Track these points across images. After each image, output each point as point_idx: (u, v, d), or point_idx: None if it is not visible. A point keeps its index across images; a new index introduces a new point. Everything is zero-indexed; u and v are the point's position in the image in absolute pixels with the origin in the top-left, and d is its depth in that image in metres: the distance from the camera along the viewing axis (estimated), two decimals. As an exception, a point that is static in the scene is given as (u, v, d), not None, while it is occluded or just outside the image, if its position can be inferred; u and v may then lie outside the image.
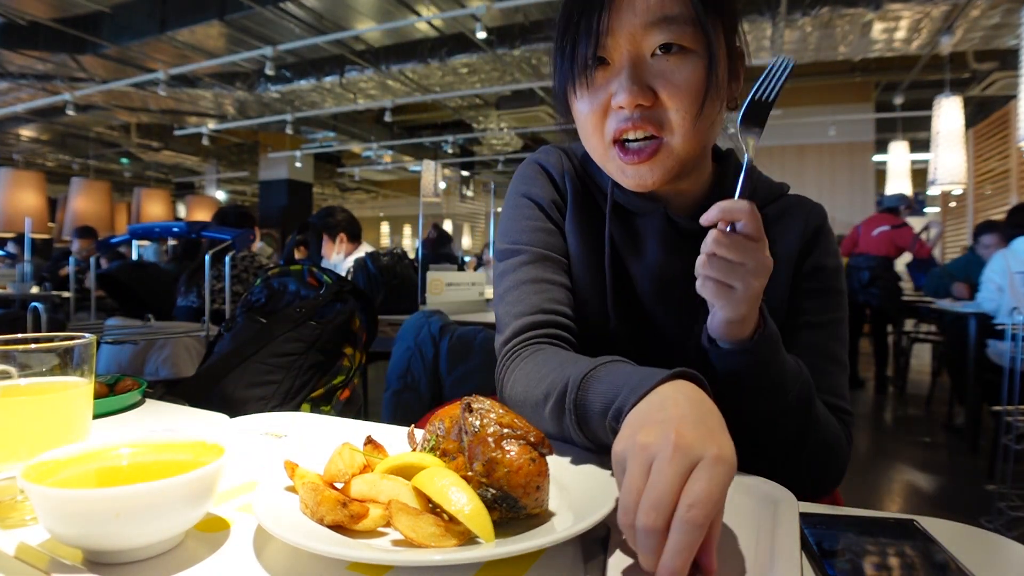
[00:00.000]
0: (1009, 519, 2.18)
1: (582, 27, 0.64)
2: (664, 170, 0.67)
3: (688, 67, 0.64)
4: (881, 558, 0.44)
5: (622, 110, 0.64)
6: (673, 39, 0.63)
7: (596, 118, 0.67)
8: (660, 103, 0.64)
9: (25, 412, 0.52)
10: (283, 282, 1.57)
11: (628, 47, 0.64)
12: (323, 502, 0.46)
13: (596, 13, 0.63)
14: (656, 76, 0.64)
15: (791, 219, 0.77)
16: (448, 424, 0.56)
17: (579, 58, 0.65)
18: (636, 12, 0.62)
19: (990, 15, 4.76)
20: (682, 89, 0.63)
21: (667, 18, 0.62)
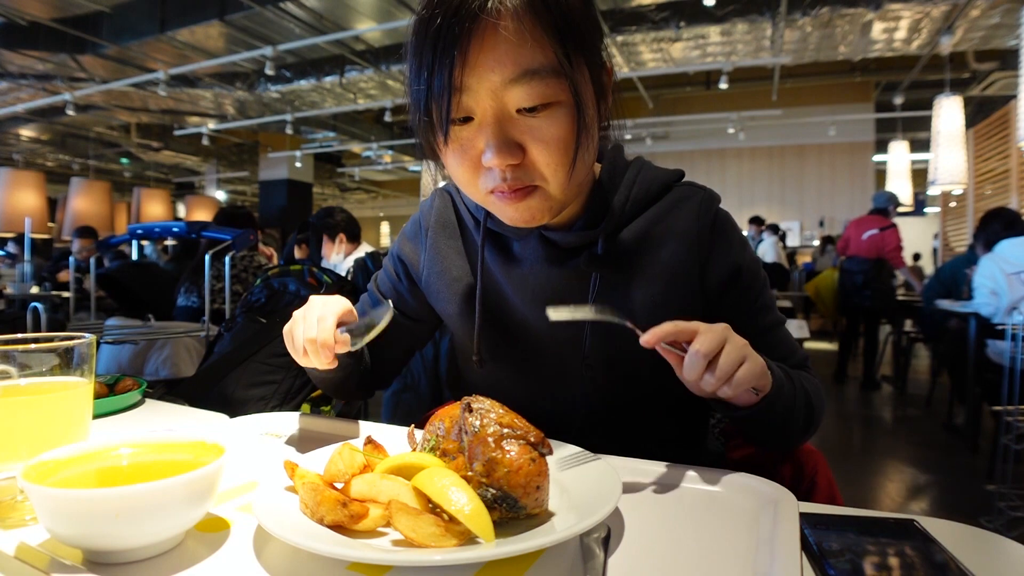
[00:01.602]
0: (1009, 519, 2.18)
1: (436, 83, 0.58)
2: (544, 211, 0.65)
3: (556, 121, 0.60)
4: (881, 558, 0.44)
5: (492, 169, 0.62)
6: (537, 99, 0.58)
7: (468, 173, 0.64)
8: (531, 160, 0.61)
9: (25, 412, 0.52)
10: (283, 282, 1.57)
11: (491, 103, 0.58)
12: (323, 502, 0.46)
13: (448, 70, 0.57)
14: (524, 132, 0.60)
15: (679, 218, 0.74)
16: (448, 424, 0.56)
17: (438, 115, 0.60)
18: (495, 68, 0.57)
19: (990, 15, 4.76)
20: (552, 145, 0.60)
21: (529, 72, 0.57)
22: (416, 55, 0.60)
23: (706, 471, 0.61)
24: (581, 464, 0.57)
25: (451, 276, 0.80)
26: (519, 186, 0.62)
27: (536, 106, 0.59)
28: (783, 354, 0.75)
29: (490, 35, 0.56)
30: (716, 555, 0.45)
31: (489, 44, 0.56)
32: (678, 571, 0.43)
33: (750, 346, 0.59)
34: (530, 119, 0.60)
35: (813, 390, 0.73)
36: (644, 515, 0.52)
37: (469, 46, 0.56)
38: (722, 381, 0.56)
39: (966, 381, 3.36)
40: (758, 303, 0.76)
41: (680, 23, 4.97)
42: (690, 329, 0.57)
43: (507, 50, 0.57)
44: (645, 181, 0.74)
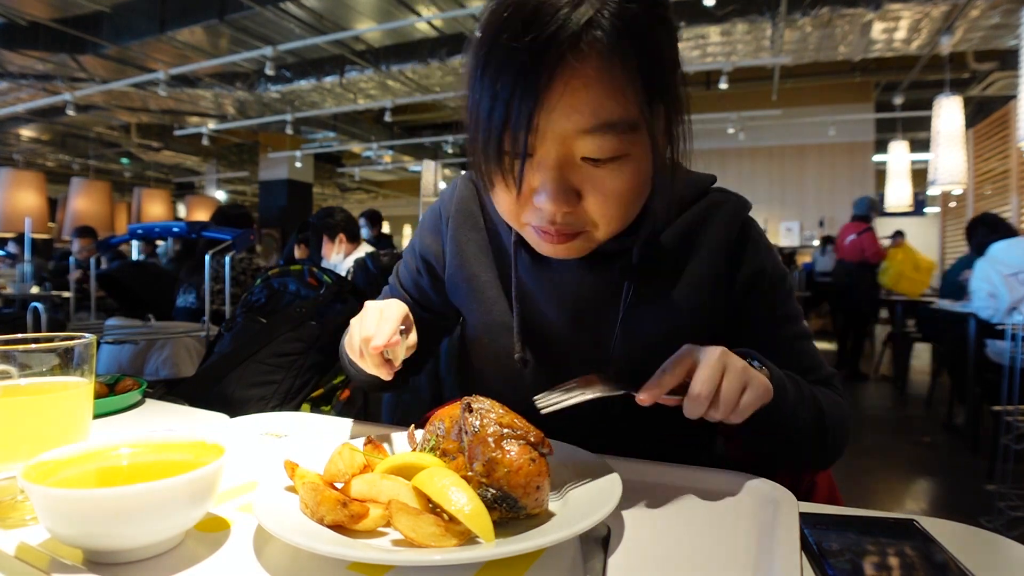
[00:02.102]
0: (1009, 519, 2.18)
1: (510, 119, 0.53)
2: (584, 250, 0.63)
3: (622, 174, 0.56)
4: (881, 558, 0.44)
5: (543, 210, 0.58)
6: (608, 153, 0.54)
7: (513, 204, 0.60)
8: (584, 207, 0.58)
9: (25, 412, 0.52)
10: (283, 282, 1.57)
11: (555, 147, 0.54)
12: (323, 502, 0.46)
13: (527, 111, 0.52)
14: (584, 180, 0.56)
15: (711, 225, 0.72)
16: (448, 424, 0.56)
17: (500, 151, 0.55)
18: (572, 116, 0.52)
19: (990, 15, 4.75)
20: (611, 198, 0.57)
21: (607, 125, 0.53)
22: (487, 78, 0.54)
23: (706, 471, 0.61)
24: (581, 464, 0.57)
25: (477, 273, 0.77)
26: (567, 231, 0.59)
27: (602, 158, 0.55)
28: (804, 368, 0.73)
29: (573, 79, 0.51)
30: (716, 555, 0.45)
31: (571, 88, 0.52)
32: (678, 571, 0.43)
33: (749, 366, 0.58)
34: (593, 168, 0.56)
35: (830, 405, 0.70)
36: (644, 515, 0.52)
37: (551, 88, 0.52)
38: (727, 413, 0.55)
39: (966, 381, 3.36)
40: (781, 311, 0.74)
41: (680, 23, 4.97)
42: (683, 369, 0.56)
43: (587, 98, 0.52)
44: (681, 187, 0.72)
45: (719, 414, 0.55)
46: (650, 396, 0.55)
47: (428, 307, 0.85)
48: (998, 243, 3.11)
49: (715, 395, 0.55)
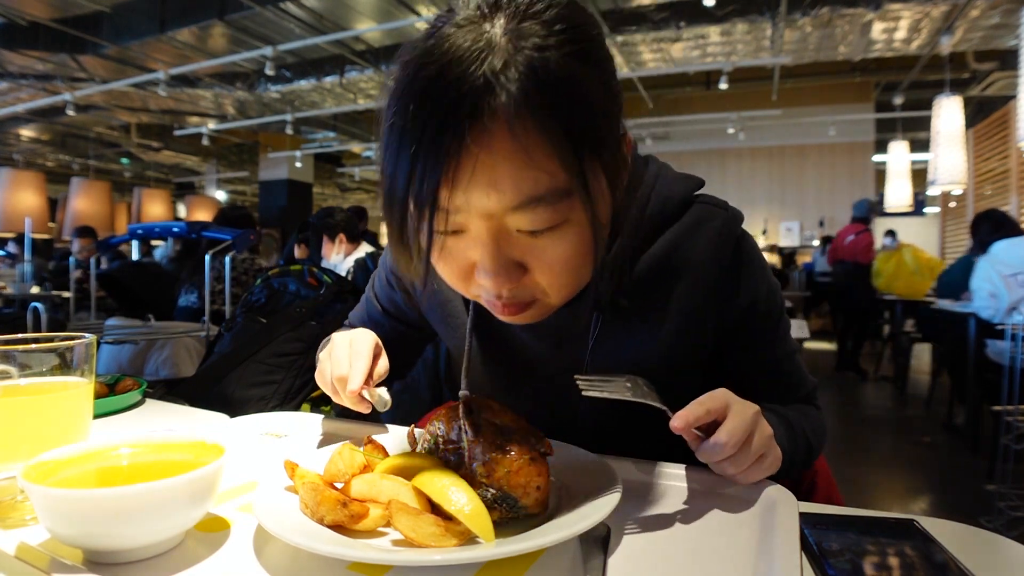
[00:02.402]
0: (1009, 519, 2.18)
1: (424, 196, 0.46)
2: (541, 316, 0.58)
3: (564, 240, 0.50)
4: (881, 558, 0.44)
5: (488, 291, 0.53)
6: (543, 224, 0.48)
7: (455, 278, 0.55)
8: (532, 278, 0.53)
9: (25, 412, 0.52)
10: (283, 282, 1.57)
11: (485, 225, 0.48)
12: (323, 502, 0.46)
13: (434, 188, 0.45)
14: (525, 252, 0.51)
15: (698, 246, 0.65)
16: (448, 424, 0.56)
17: (422, 229, 0.48)
18: (491, 195, 0.46)
19: (990, 15, 4.75)
20: (557, 266, 0.52)
21: (533, 199, 0.46)
22: (392, 147, 0.48)
23: (706, 471, 0.61)
24: (581, 464, 0.57)
25: (449, 299, 0.75)
26: (516, 302, 0.55)
27: (539, 230, 0.50)
28: (792, 386, 0.73)
29: (484, 153, 0.45)
30: (716, 555, 0.45)
31: (483, 164, 0.45)
32: (678, 571, 0.43)
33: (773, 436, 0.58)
34: (533, 240, 0.50)
35: (813, 430, 0.70)
36: (644, 515, 0.52)
37: (459, 165, 0.45)
38: (737, 472, 0.55)
39: (966, 381, 3.36)
40: (772, 335, 0.72)
41: (680, 23, 4.97)
42: (719, 409, 0.54)
43: (504, 174, 0.45)
44: (661, 198, 0.65)
45: (732, 469, 0.55)
46: (682, 424, 0.52)
47: (404, 321, 0.84)
48: (999, 243, 3.11)
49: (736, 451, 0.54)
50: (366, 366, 0.62)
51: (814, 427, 0.71)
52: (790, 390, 0.73)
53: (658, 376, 0.67)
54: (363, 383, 0.61)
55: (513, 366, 0.73)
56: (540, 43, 0.45)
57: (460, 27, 0.47)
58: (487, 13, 0.47)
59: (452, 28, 0.47)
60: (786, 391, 0.73)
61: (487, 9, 0.48)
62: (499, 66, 0.44)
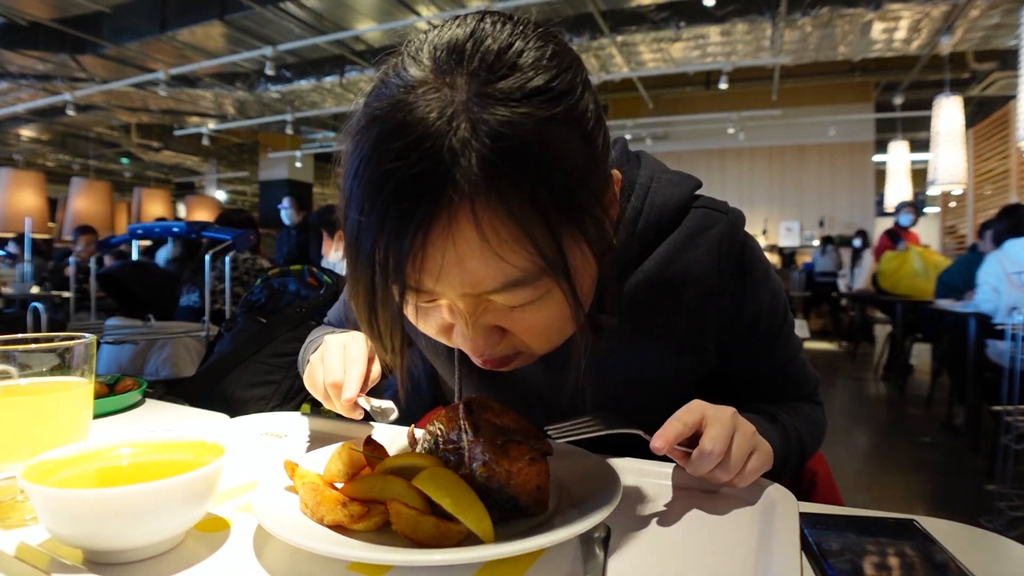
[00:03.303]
0: (1009, 519, 2.18)
1: (392, 277, 0.43)
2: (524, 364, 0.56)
3: (546, 309, 0.48)
4: (881, 558, 0.44)
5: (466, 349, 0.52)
6: (522, 301, 0.46)
7: (436, 335, 0.53)
8: (513, 341, 0.51)
9: (25, 412, 0.52)
10: (283, 282, 1.57)
11: (463, 301, 0.47)
12: (323, 502, 0.46)
13: (403, 274, 0.43)
14: (504, 319, 0.49)
15: (698, 257, 0.62)
16: (448, 424, 0.56)
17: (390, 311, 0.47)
18: (464, 282, 0.44)
19: (990, 15, 4.75)
20: (538, 331, 0.50)
21: (508, 284, 0.44)
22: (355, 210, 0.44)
23: (706, 471, 0.61)
24: (582, 464, 0.57)
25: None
26: (498, 359, 0.53)
27: (519, 305, 0.47)
28: (793, 387, 0.73)
29: (451, 247, 0.42)
30: (716, 555, 0.45)
31: (451, 258, 0.42)
32: (678, 571, 0.43)
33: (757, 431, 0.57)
34: (514, 311, 0.48)
35: (809, 427, 0.70)
36: (644, 515, 0.52)
37: (426, 257, 0.42)
38: (731, 476, 0.54)
39: (966, 381, 3.36)
40: (775, 342, 0.70)
41: (680, 23, 4.97)
42: (695, 422, 0.54)
43: (476, 266, 0.43)
44: (655, 207, 0.61)
45: (725, 475, 0.54)
46: (663, 444, 0.52)
47: None
48: (1013, 240, 3.09)
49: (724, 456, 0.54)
50: (361, 373, 0.60)
51: (810, 424, 0.71)
52: (790, 391, 0.73)
53: (655, 392, 0.67)
54: (359, 391, 0.60)
55: (504, 389, 0.70)
56: (505, 115, 0.41)
57: (416, 91, 0.42)
58: (446, 70, 0.43)
59: (408, 94, 0.42)
60: (786, 392, 0.73)
61: (445, 64, 0.43)
62: (459, 147, 0.40)
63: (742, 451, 0.54)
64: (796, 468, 0.69)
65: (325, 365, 0.63)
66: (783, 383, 0.73)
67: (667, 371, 0.66)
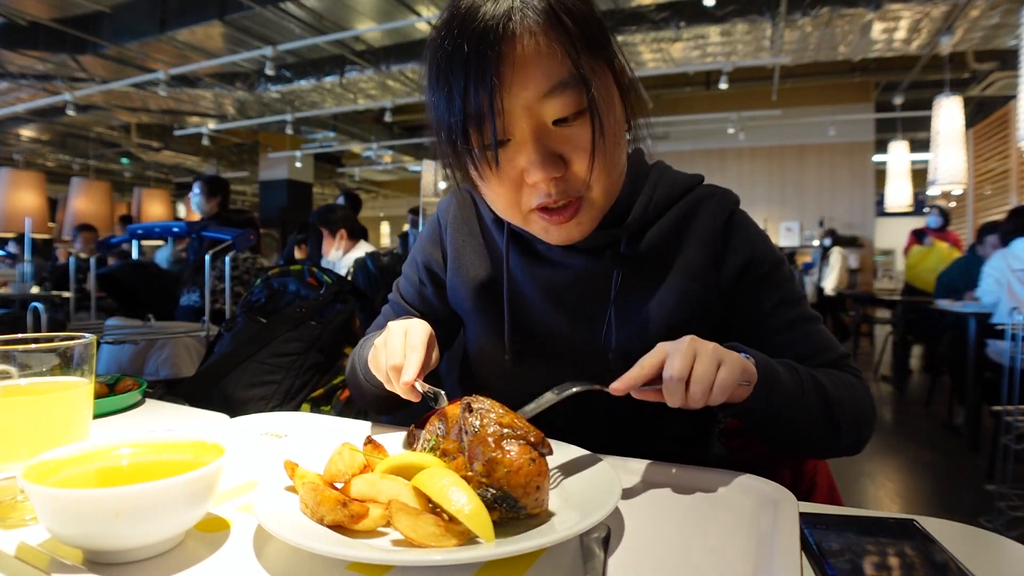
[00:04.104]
0: (1009, 519, 2.18)
1: (472, 111, 0.59)
2: (590, 222, 0.67)
3: (587, 128, 0.61)
4: (881, 558, 0.44)
5: (537, 185, 0.62)
6: (572, 108, 0.60)
7: (509, 193, 0.64)
8: (574, 171, 0.62)
9: (25, 412, 0.52)
10: (283, 282, 1.57)
11: (527, 121, 0.60)
12: (323, 502, 0.46)
13: (487, 95, 0.58)
14: (562, 144, 0.61)
15: (699, 218, 0.75)
16: (448, 424, 0.56)
17: (477, 144, 0.61)
18: (528, 85, 0.59)
19: (990, 15, 4.75)
20: (590, 150, 0.61)
21: (560, 84, 0.59)
22: (443, 84, 0.61)
23: (706, 471, 0.61)
24: (581, 464, 0.57)
25: (473, 276, 0.80)
26: (565, 200, 0.63)
27: (570, 115, 0.60)
28: (810, 351, 0.73)
29: (519, 56, 0.58)
30: (716, 555, 0.45)
31: (520, 64, 0.58)
32: (678, 571, 0.43)
33: (721, 347, 0.59)
34: (566, 130, 0.61)
35: (838, 385, 0.69)
36: (644, 515, 0.52)
37: (503, 69, 0.58)
38: (706, 392, 0.55)
39: (966, 381, 3.36)
40: (779, 296, 0.74)
41: (680, 23, 4.97)
42: (654, 361, 0.57)
43: (536, 67, 0.58)
44: (667, 184, 0.76)
45: (698, 394, 0.55)
46: (623, 385, 0.57)
47: (434, 318, 0.86)
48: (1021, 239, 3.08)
49: (691, 377, 0.55)
50: (420, 358, 0.64)
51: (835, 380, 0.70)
52: (811, 354, 0.72)
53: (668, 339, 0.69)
54: (417, 375, 0.63)
55: (534, 339, 0.77)
56: None
57: None
58: None
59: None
60: (807, 354, 0.72)
61: None
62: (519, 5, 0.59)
63: (706, 367, 0.55)
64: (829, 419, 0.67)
65: (388, 349, 0.66)
66: (801, 342, 0.72)
67: (677, 317, 0.72)
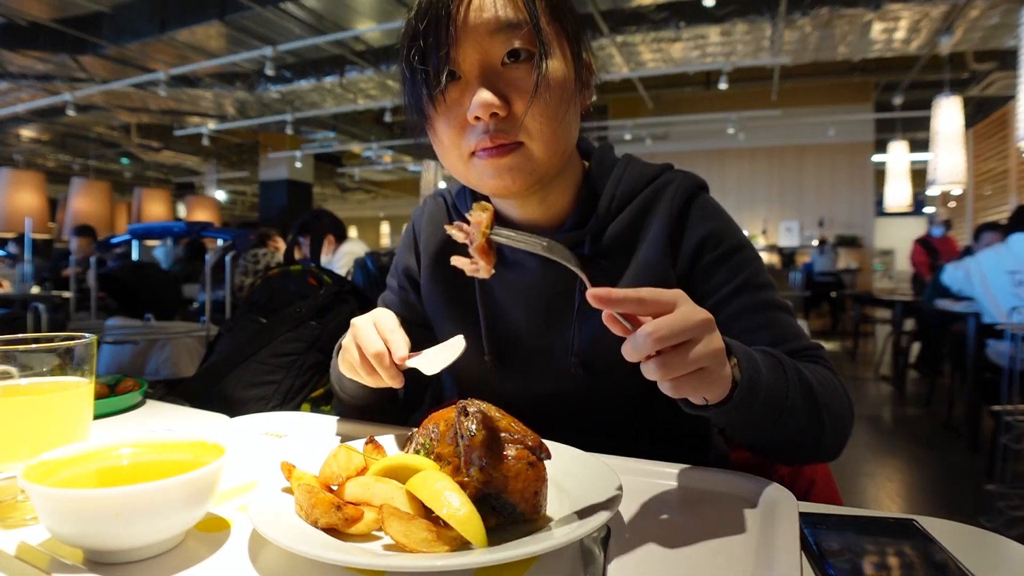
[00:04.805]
0: (1008, 519, 2.18)
1: (430, 41, 0.63)
2: (525, 174, 0.65)
3: (533, 75, 0.62)
4: (881, 558, 0.44)
5: (478, 122, 0.63)
6: (519, 44, 0.62)
7: (454, 134, 0.66)
8: (515, 112, 0.63)
9: (26, 412, 0.52)
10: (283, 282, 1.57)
11: (477, 57, 0.63)
12: (317, 505, 0.46)
13: (443, 26, 0.62)
14: (508, 85, 0.63)
15: (659, 206, 0.74)
16: (443, 428, 0.55)
17: (430, 73, 0.64)
18: (480, 20, 0.62)
19: (989, 15, 4.76)
20: (532, 96, 0.62)
21: (510, 24, 0.62)
22: (409, 29, 0.65)
23: (706, 471, 0.61)
24: (580, 467, 0.56)
25: (446, 281, 0.80)
26: (503, 140, 0.63)
27: (519, 52, 0.63)
28: (779, 338, 0.67)
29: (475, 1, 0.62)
30: (716, 555, 0.45)
31: (475, 4, 0.62)
32: (678, 571, 0.43)
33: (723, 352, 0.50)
34: (515, 69, 0.63)
35: (819, 379, 0.63)
36: (644, 515, 0.52)
37: (460, 5, 0.62)
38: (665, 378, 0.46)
39: (966, 381, 3.36)
40: (742, 279, 0.70)
41: (680, 23, 4.97)
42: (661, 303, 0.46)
43: (492, 6, 0.62)
44: (631, 177, 0.75)
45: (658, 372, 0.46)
46: (598, 298, 0.46)
47: (421, 324, 0.86)
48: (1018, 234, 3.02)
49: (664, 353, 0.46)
50: (403, 337, 0.65)
51: (814, 372, 0.63)
52: (779, 343, 0.66)
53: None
54: (407, 353, 0.63)
55: (508, 341, 0.77)
56: None
57: None
58: None
59: None
60: (773, 343, 0.66)
61: None
62: None
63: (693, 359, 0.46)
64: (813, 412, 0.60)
65: (362, 340, 0.65)
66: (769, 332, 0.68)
67: None
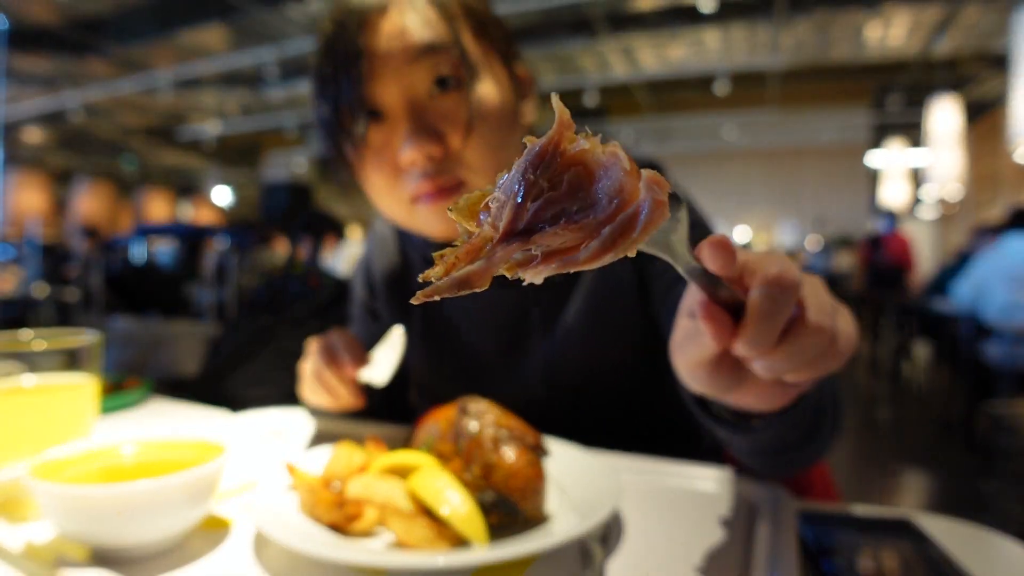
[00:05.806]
0: (1005, 517, 2.18)
1: (343, 79, 0.55)
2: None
3: (467, 101, 0.57)
4: (877, 556, 0.45)
5: (414, 167, 0.57)
6: (445, 71, 0.56)
7: (387, 181, 0.59)
8: (452, 148, 0.57)
9: (31, 410, 0.52)
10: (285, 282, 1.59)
11: (399, 91, 0.56)
12: (319, 503, 0.46)
13: (355, 60, 0.55)
14: (440, 118, 0.57)
15: None
16: (444, 426, 0.54)
17: (347, 116, 0.56)
18: (398, 48, 0.55)
19: (984, 19, 4.76)
20: (470, 127, 0.57)
21: (432, 48, 0.56)
22: (321, 70, 0.59)
23: (705, 470, 0.61)
24: (581, 464, 0.56)
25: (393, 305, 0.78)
26: (443, 183, 0.57)
27: (447, 80, 0.57)
28: None
29: (391, 23, 0.57)
30: (714, 554, 0.45)
31: (390, 31, 0.57)
32: (676, 569, 0.43)
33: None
34: (444, 100, 0.57)
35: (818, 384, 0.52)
36: (643, 514, 0.52)
37: (372, 37, 0.56)
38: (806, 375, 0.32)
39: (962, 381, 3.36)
40: None
41: (678, 26, 4.98)
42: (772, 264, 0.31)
43: (408, 33, 0.56)
44: None
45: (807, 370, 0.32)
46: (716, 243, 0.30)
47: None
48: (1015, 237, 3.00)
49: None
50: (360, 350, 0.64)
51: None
52: None
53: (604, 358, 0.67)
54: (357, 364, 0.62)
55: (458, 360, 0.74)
56: None
57: None
58: None
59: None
60: None
61: None
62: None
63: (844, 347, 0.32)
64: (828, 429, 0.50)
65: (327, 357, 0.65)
66: None
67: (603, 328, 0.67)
